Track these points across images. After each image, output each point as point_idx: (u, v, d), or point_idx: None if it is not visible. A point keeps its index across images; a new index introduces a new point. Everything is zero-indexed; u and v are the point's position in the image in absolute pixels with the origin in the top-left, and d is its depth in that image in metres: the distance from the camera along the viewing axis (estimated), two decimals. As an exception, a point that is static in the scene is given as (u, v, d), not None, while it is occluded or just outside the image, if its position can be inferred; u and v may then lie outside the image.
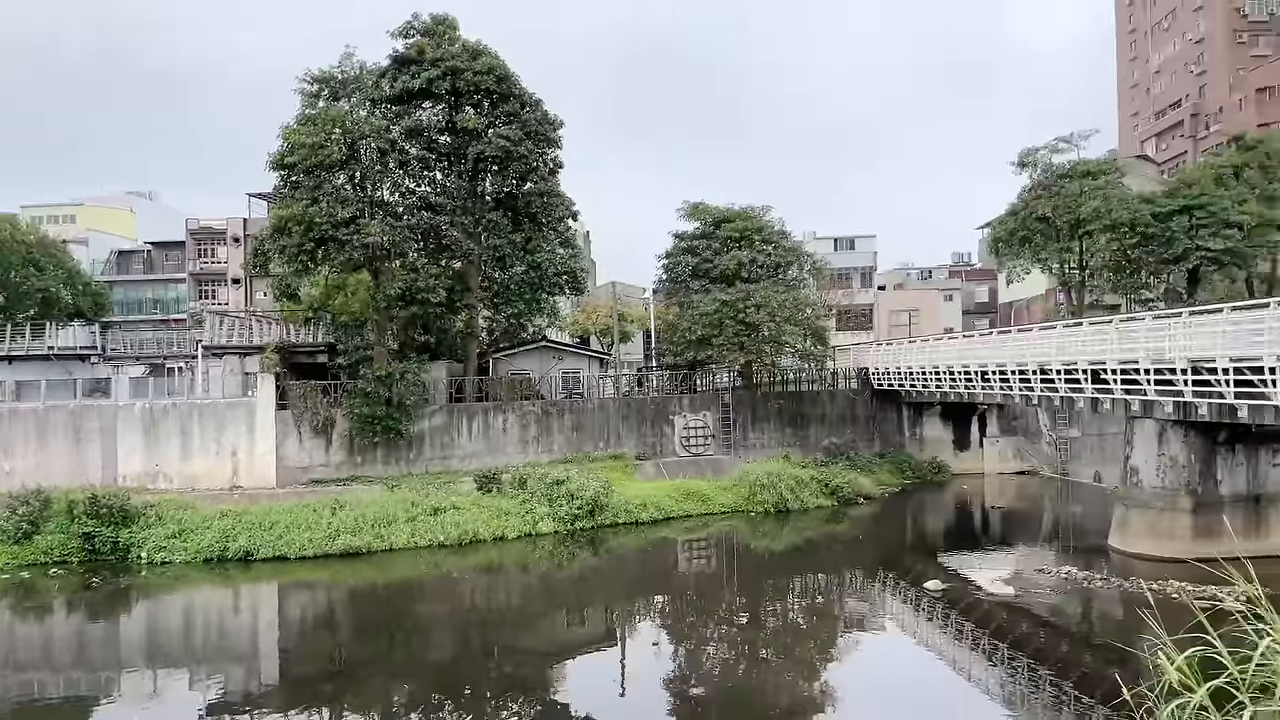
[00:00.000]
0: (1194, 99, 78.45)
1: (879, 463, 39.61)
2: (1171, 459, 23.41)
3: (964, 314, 70.18)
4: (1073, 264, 45.22)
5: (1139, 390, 23.64)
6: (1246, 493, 23.31)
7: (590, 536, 29.23)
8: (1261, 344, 19.25)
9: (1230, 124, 67.88)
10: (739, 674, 17.03)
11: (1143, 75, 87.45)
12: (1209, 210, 41.10)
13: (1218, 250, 40.81)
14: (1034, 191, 44.05)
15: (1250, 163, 45.04)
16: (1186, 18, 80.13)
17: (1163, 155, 79.48)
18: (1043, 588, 21.80)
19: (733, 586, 24.06)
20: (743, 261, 39.95)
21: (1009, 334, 32.40)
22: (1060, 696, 14.77)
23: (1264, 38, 74.64)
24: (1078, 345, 26.47)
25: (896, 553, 27.73)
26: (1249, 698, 6.20)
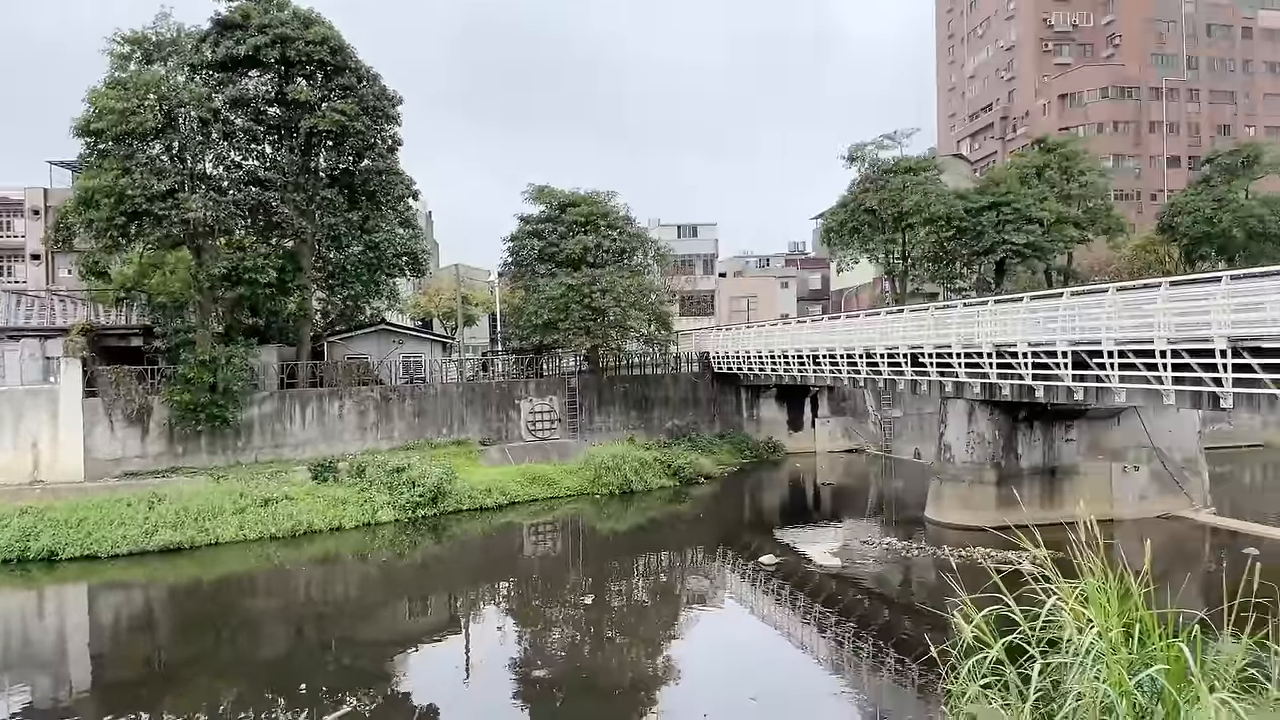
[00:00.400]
0: (1004, 103, 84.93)
1: (719, 443, 40.92)
2: (979, 435, 25.46)
3: (799, 300, 73.40)
4: (896, 254, 48.18)
5: (952, 373, 25.55)
6: (1043, 465, 25.67)
7: (433, 524, 28.71)
8: (1055, 330, 21.24)
9: (1035, 127, 74.01)
10: (584, 655, 17.25)
11: (959, 79, 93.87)
12: (1014, 207, 44.78)
13: (1021, 244, 44.56)
14: (862, 185, 46.60)
15: (1051, 164, 49.38)
16: (999, 26, 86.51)
17: (976, 155, 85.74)
18: (867, 558, 23.23)
19: (578, 568, 24.29)
20: (589, 246, 40.13)
21: (838, 320, 34.20)
22: (881, 658, 15.84)
23: (1067, 47, 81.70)
24: (899, 331, 28.28)
25: (735, 530, 28.80)
26: (1039, 651, 6.91)
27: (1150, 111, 75.98)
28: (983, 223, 44.94)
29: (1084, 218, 48.28)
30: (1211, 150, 61.69)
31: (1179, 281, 18.95)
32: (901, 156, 46.90)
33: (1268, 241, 52.36)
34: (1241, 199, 53.37)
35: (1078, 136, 61.28)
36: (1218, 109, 77.79)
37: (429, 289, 53.94)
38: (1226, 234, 52.25)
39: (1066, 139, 54.94)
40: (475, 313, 53.21)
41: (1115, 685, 6.25)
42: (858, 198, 46.33)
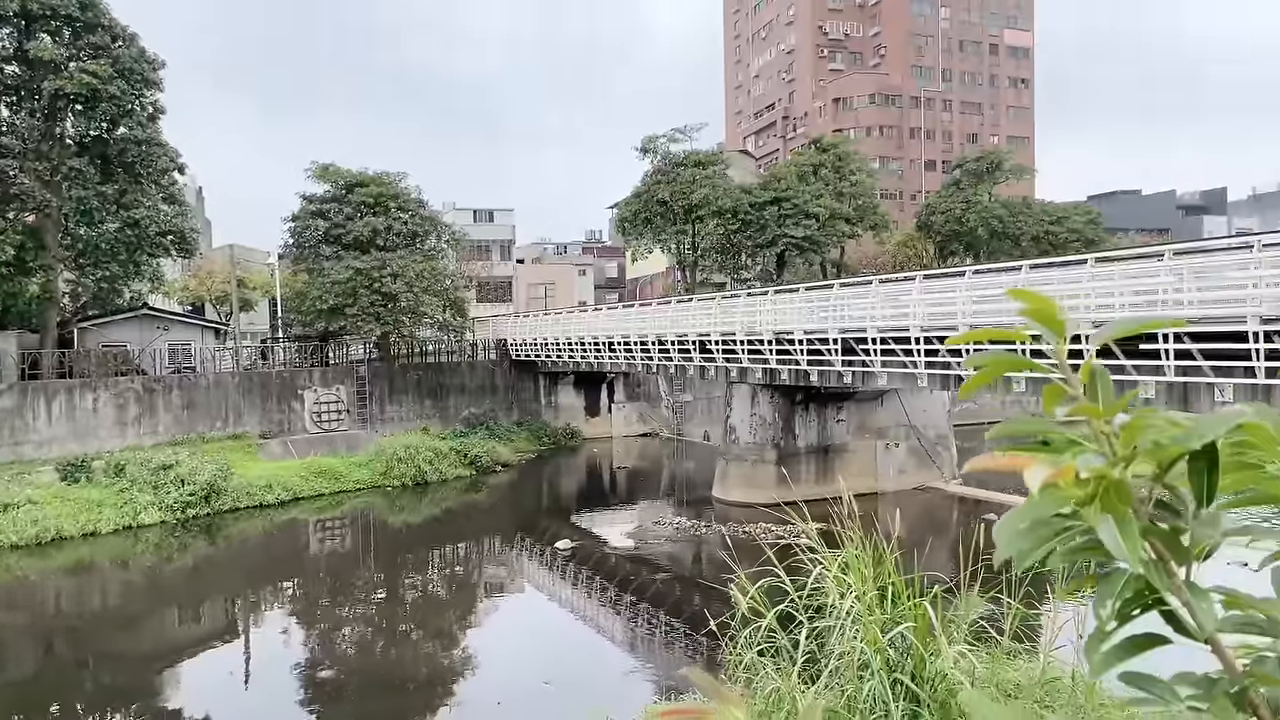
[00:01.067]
0: (785, 104, 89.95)
1: (517, 431, 40.83)
2: (762, 418, 27.02)
3: (596, 288, 74.42)
4: (687, 245, 49.94)
5: (737, 359, 26.94)
6: (817, 444, 27.64)
7: (206, 525, 26.74)
8: (827, 319, 22.91)
9: (812, 128, 78.97)
10: (377, 651, 16.77)
11: (745, 79, 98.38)
12: (794, 203, 47.66)
13: (799, 237, 47.52)
14: (655, 177, 47.87)
15: (826, 163, 52.86)
16: (780, 30, 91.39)
17: (760, 151, 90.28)
18: (660, 538, 24.09)
19: (369, 564, 23.51)
20: (378, 229, 38.64)
21: (633, 308, 35.06)
22: (673, 634, 16.53)
23: (840, 54, 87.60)
24: (689, 319, 29.44)
25: (533, 517, 28.92)
26: (805, 618, 7.51)
27: (911, 118, 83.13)
28: (765, 217, 47.51)
29: (855, 214, 52.13)
30: (961, 156, 68.45)
31: (931, 275, 20.96)
32: (691, 150, 48.61)
33: (1007, 240, 58.85)
34: (986, 201, 59.64)
35: (849, 138, 65.98)
36: (968, 118, 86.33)
37: (200, 271, 49.89)
38: (973, 232, 58.22)
39: (839, 140, 59.03)
40: (253, 297, 49.84)
41: (871, 643, 6.91)
42: (651, 189, 47.58)
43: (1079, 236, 58.39)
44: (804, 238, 47.60)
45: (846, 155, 53.79)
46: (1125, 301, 16.33)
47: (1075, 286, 17.21)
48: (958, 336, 1.03)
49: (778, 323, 24.80)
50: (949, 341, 1.41)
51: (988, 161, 61.03)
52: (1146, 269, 16.22)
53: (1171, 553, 0.73)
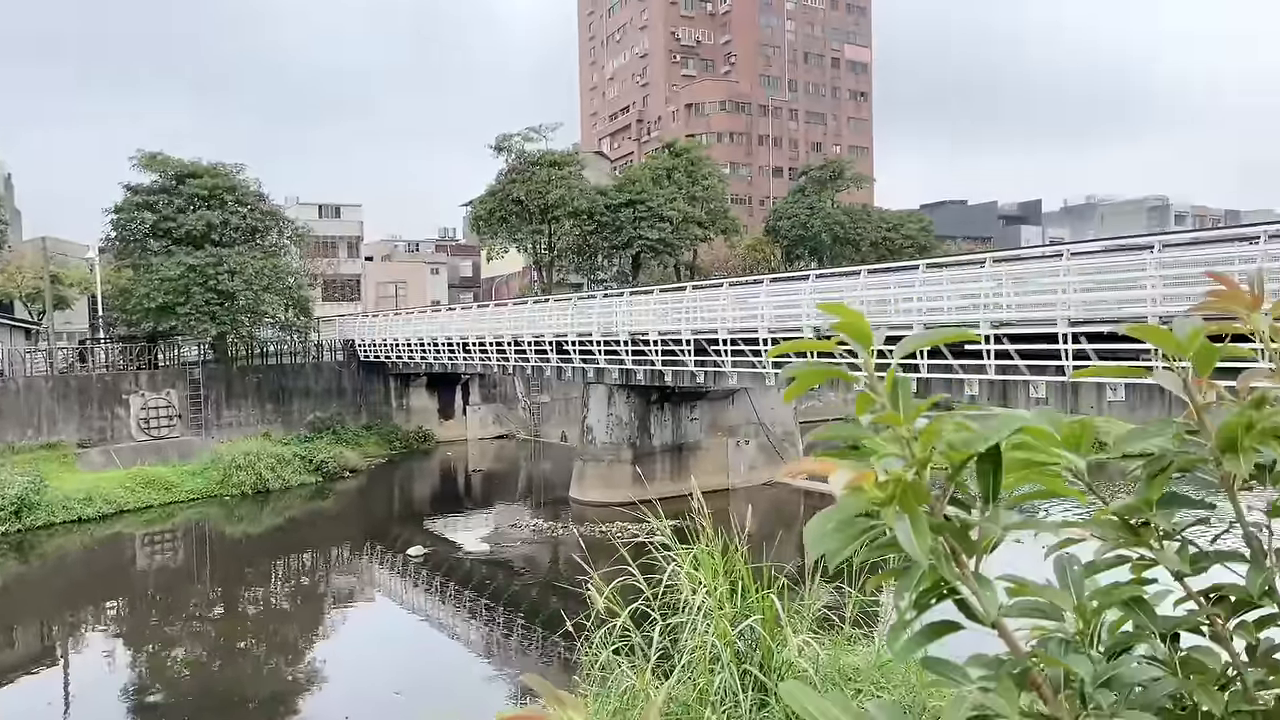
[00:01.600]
0: (639, 107, 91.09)
1: (366, 435, 39.49)
2: (618, 418, 27.28)
3: (450, 287, 72.99)
4: (543, 245, 49.76)
5: (593, 359, 27.08)
6: (672, 443, 28.16)
7: (17, 542, 24.47)
8: (681, 321, 23.39)
9: (666, 132, 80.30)
10: (214, 671, 15.83)
11: (600, 80, 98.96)
12: (648, 205, 48.35)
13: (654, 240, 48.28)
14: (510, 176, 47.44)
15: (679, 167, 53.87)
16: (634, 34, 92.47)
17: (616, 153, 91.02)
18: (516, 541, 23.90)
19: (205, 579, 22.16)
20: (213, 223, 36.46)
21: (489, 308, 34.64)
22: (529, 636, 16.44)
23: (692, 60, 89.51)
24: (546, 320, 29.36)
25: (383, 523, 28.06)
26: (659, 615, 7.64)
27: (760, 125, 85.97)
28: (621, 218, 47.98)
29: (707, 218, 53.37)
30: (806, 164, 71.41)
31: (778, 279, 21.79)
32: (547, 150, 48.46)
33: (848, 245, 61.80)
34: (829, 208, 62.44)
35: (701, 143, 67.52)
36: (812, 128, 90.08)
37: (8, 266, 45.53)
38: (818, 237, 60.82)
39: (692, 145, 60.29)
40: (70, 294, 45.94)
41: (721, 637, 7.11)
42: (506, 188, 47.11)
43: (913, 242, 62.07)
44: (658, 240, 48.37)
45: (699, 160, 54.97)
46: (952, 305, 17.50)
47: (909, 290, 18.32)
48: (776, 349, 1.09)
49: (633, 324, 25.11)
50: (770, 353, 1.48)
51: (831, 170, 63.89)
52: (970, 274, 17.43)
53: (962, 546, 0.81)
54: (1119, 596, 0.95)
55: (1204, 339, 0.95)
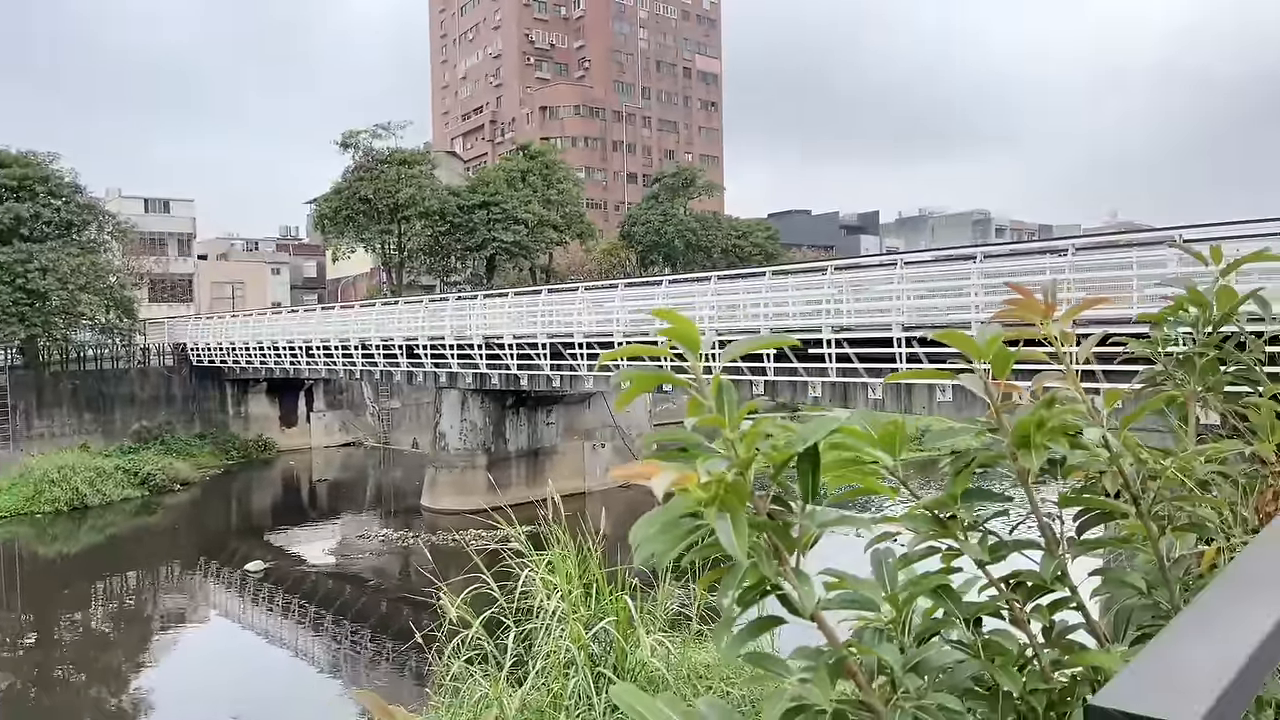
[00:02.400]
0: (493, 108, 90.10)
1: (199, 445, 37.14)
2: (472, 423, 26.83)
3: (293, 288, 69.79)
4: (393, 245, 48.38)
5: (446, 364, 26.54)
6: (528, 448, 27.96)
7: None
8: (536, 324, 23.28)
9: (520, 134, 79.78)
10: (27, 706, 14.47)
11: (453, 79, 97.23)
12: (503, 207, 47.87)
13: (509, 242, 47.84)
14: (357, 173, 45.85)
15: (534, 170, 53.63)
16: (487, 34, 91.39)
17: (469, 154, 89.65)
18: (365, 552, 23.09)
19: (14, 604, 20.22)
20: (22, 216, 33.39)
21: (334, 310, 33.31)
22: (380, 650, 15.91)
23: (546, 63, 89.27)
24: (395, 323, 28.53)
25: (220, 538, 26.47)
26: (513, 621, 7.57)
27: (614, 131, 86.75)
28: (475, 220, 47.26)
29: (562, 222, 53.35)
30: (659, 171, 72.60)
31: (632, 283, 22.05)
32: (396, 148, 47.12)
33: (700, 252, 63.27)
34: (682, 215, 63.72)
35: (556, 147, 67.50)
36: (665, 135, 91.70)
37: None
38: (671, 244, 61.95)
39: (547, 148, 60.16)
40: None
41: (575, 640, 7.12)
42: (353, 185, 45.48)
43: (761, 250, 64.21)
44: (513, 242, 47.96)
45: (554, 163, 54.92)
46: (797, 311, 18.23)
47: (757, 296, 18.96)
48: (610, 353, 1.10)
49: (488, 327, 24.77)
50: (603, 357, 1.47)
51: (683, 177, 65.25)
52: (814, 282, 18.21)
53: (783, 543, 0.84)
54: (927, 586, 1.01)
55: (1000, 344, 1.03)
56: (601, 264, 58.91)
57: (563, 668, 7.00)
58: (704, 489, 0.77)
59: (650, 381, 0.94)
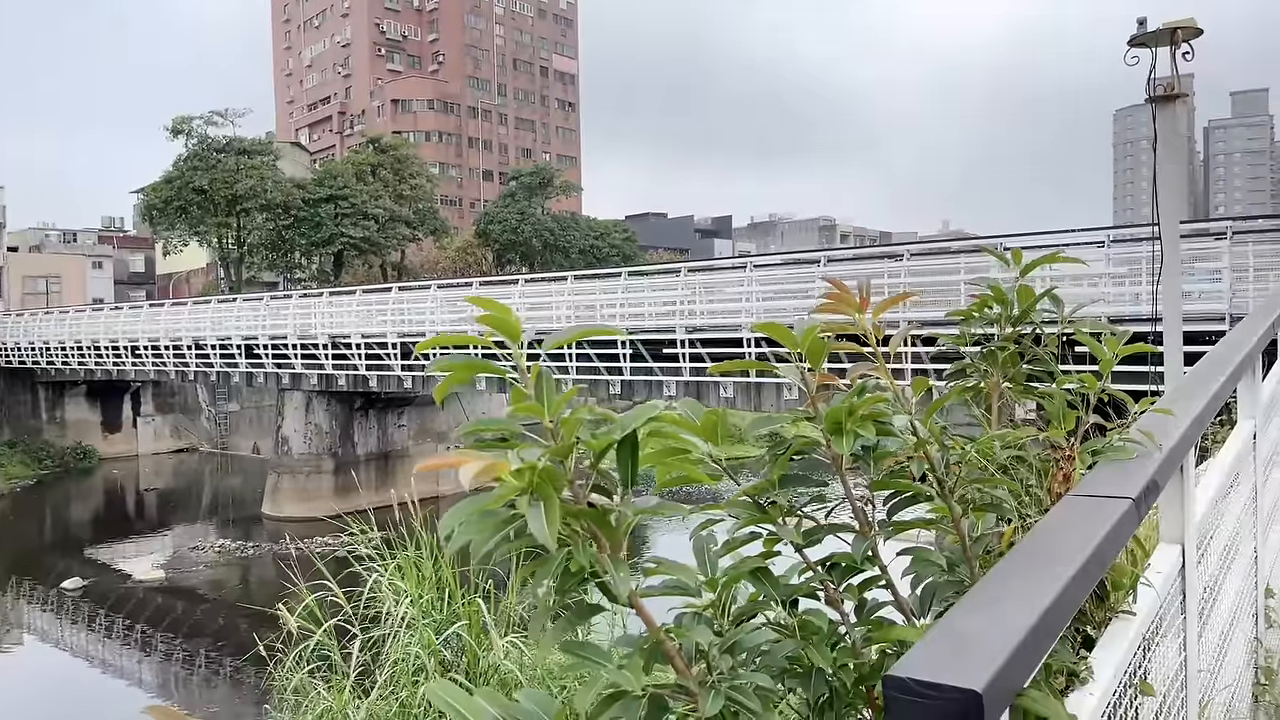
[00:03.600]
0: (341, 99, 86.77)
1: (8, 453, 33.91)
2: (317, 426, 25.74)
3: (117, 284, 64.75)
4: (231, 239, 45.80)
5: (289, 364, 25.34)
6: (378, 451, 27.07)
7: None
8: (386, 323, 22.58)
9: (371, 127, 77.12)
10: None
11: (297, 66, 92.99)
12: (351, 201, 46.21)
13: (359, 238, 46.24)
14: (191, 162, 43.12)
15: (385, 164, 52.08)
16: (335, 21, 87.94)
17: (315, 145, 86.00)
18: (199, 564, 21.75)
19: None
20: None
21: (164, 307, 31.18)
22: (217, 666, 15.02)
23: (398, 55, 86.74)
24: (233, 321, 27.02)
25: (30, 555, 24.28)
26: (360, 629, 7.30)
27: (470, 128, 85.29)
28: (321, 214, 45.35)
29: (415, 218, 52.04)
30: (516, 169, 71.92)
31: (487, 282, 21.77)
32: (235, 136, 44.63)
33: (558, 252, 63.11)
34: (539, 214, 63.36)
35: (409, 141, 65.75)
36: (522, 133, 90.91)
37: None
38: (528, 243, 61.49)
39: (399, 142, 58.52)
40: None
41: (426, 646, 6.94)
42: (186, 175, 42.72)
43: (619, 251, 64.71)
44: (363, 239, 46.37)
45: (406, 158, 53.54)
46: (653, 311, 18.51)
47: (614, 296, 19.11)
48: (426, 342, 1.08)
49: (334, 326, 23.83)
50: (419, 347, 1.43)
51: (540, 177, 64.93)
52: (668, 283, 18.53)
53: (602, 530, 0.84)
54: (745, 569, 1.05)
55: (816, 336, 1.08)
56: (456, 262, 57.83)
57: (412, 675, 6.82)
58: (517, 477, 0.77)
59: (466, 370, 0.92)
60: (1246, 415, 2.74)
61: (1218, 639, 2.20)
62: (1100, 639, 1.31)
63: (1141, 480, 1.27)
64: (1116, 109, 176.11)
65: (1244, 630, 2.64)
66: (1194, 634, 1.78)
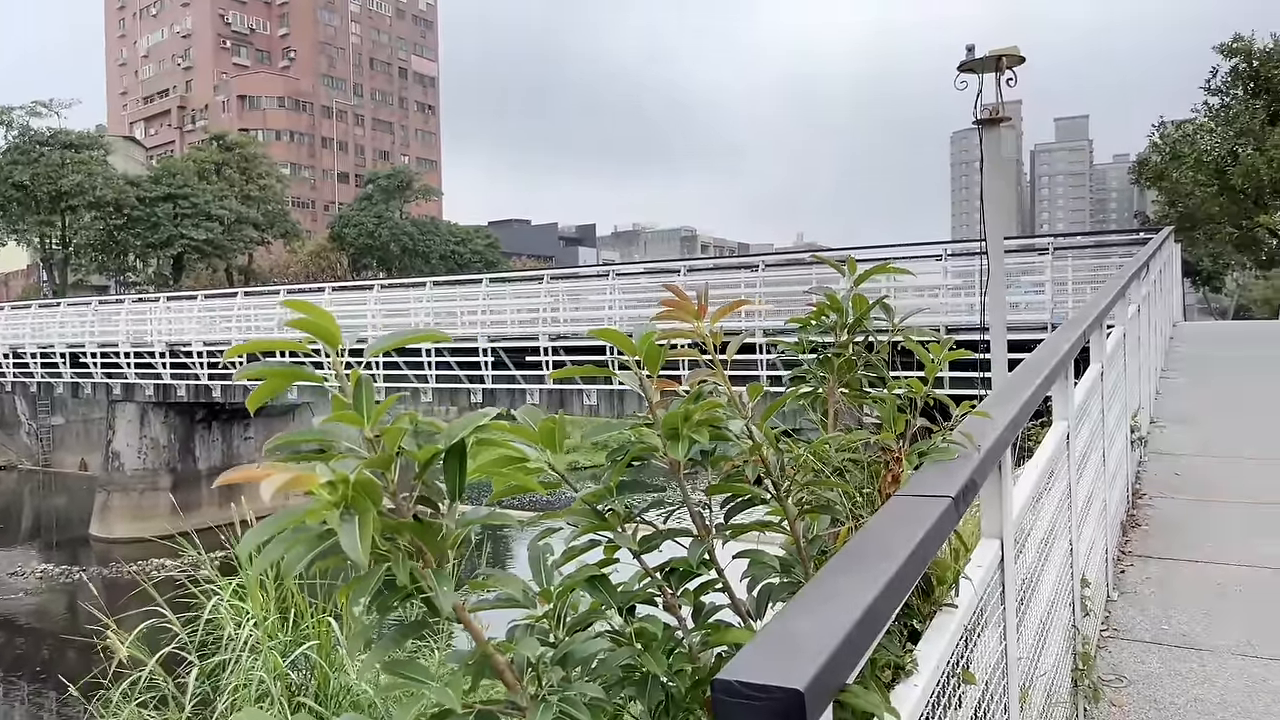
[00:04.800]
0: (182, 92, 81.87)
1: None
2: (153, 440, 24.10)
3: (-82, 286, 58.70)
4: (55, 239, 42.31)
5: (121, 374, 23.63)
6: (222, 465, 25.56)
7: None
8: (231, 329, 21.39)
9: (215, 123, 73.09)
10: None
11: (132, 56, 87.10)
12: (192, 201, 43.61)
13: (201, 240, 43.65)
14: (10, 155, 39.61)
15: (231, 163, 49.46)
16: (175, 10, 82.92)
17: (152, 140, 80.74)
18: (18, 591, 19.98)
19: None
20: None
21: (-25, 312, 28.48)
22: (41, 701, 13.84)
23: (245, 49, 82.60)
24: (56, 327, 25.01)
25: None
26: (197, 656, 6.84)
27: (323, 128, 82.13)
28: (159, 214, 42.53)
29: (263, 220, 49.66)
30: (372, 172, 69.77)
31: (342, 287, 21.01)
32: (61, 129, 41.31)
33: (418, 257, 61.58)
34: (397, 218, 61.65)
35: (257, 139, 62.73)
36: (380, 135, 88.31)
37: None
38: (386, 248, 59.73)
39: (246, 140, 55.75)
40: None
41: (272, 670, 6.59)
42: (4, 169, 39.17)
43: (481, 258, 63.80)
44: (206, 241, 43.83)
45: (254, 157, 51.10)
46: (515, 318, 18.34)
47: (474, 303, 18.80)
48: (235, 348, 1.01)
49: (173, 333, 22.39)
50: (228, 353, 1.37)
51: (398, 180, 63.27)
52: (531, 290, 18.42)
53: (427, 544, 0.81)
54: (580, 578, 1.04)
55: (652, 343, 1.08)
56: (309, 266, 55.52)
57: (255, 702, 6.46)
58: (329, 490, 0.73)
59: (284, 377, 0.87)
60: (1060, 417, 2.95)
61: (1037, 627, 2.36)
62: (925, 632, 1.37)
63: (960, 479, 1.34)
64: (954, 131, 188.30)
65: (1062, 618, 2.84)
66: (1013, 623, 1.89)
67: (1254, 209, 27.81)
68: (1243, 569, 4.52)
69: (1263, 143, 25.86)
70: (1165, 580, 4.44)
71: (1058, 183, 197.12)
